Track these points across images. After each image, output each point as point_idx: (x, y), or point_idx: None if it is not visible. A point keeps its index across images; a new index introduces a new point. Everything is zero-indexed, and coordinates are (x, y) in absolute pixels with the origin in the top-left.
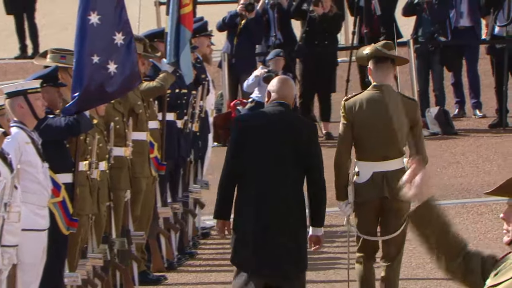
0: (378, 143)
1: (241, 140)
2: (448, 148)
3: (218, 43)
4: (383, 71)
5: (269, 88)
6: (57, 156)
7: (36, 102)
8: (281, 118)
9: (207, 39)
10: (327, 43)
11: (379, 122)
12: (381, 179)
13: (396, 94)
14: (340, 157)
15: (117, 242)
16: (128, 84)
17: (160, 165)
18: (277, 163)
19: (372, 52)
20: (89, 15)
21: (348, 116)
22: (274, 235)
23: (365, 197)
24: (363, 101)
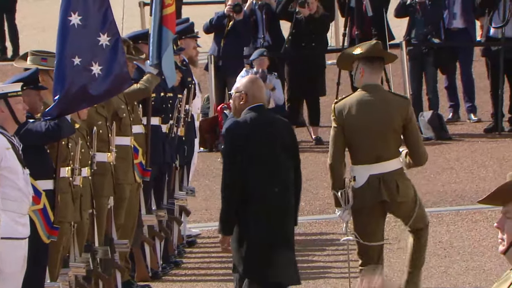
0: (371, 145)
1: (237, 151)
2: (442, 154)
3: (204, 45)
4: (374, 71)
5: (244, 89)
6: (37, 162)
7: (17, 106)
8: (271, 121)
9: (193, 41)
10: (314, 45)
11: (371, 123)
12: (377, 182)
13: (386, 92)
14: (333, 162)
15: (100, 250)
16: (115, 86)
17: (144, 171)
18: (277, 170)
19: (368, 50)
20: (70, 16)
21: (338, 119)
22: (286, 246)
23: (362, 202)
24: (353, 103)
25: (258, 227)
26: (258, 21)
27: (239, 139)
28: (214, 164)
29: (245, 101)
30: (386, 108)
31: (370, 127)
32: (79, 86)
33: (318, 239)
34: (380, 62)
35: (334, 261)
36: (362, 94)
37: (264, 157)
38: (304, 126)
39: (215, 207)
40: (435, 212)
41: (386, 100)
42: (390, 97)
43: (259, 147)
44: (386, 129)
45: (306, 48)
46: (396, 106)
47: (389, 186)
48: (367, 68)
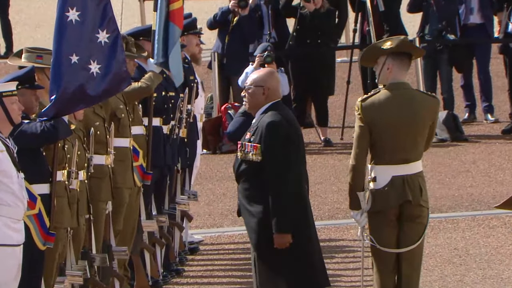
0: (399, 146)
1: (293, 148)
2: (458, 156)
3: (208, 41)
4: (405, 67)
5: (265, 83)
6: (32, 165)
7: (11, 106)
8: (294, 119)
9: (196, 37)
10: (320, 41)
11: (400, 123)
12: (401, 182)
13: (415, 91)
14: (358, 163)
15: (98, 258)
16: (114, 86)
17: (145, 174)
18: (305, 168)
19: (398, 45)
20: (68, 11)
21: (365, 118)
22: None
23: (383, 204)
24: (382, 101)
25: (311, 229)
26: (264, 16)
27: (291, 136)
28: (217, 167)
29: (266, 96)
30: (416, 108)
31: (400, 127)
32: (77, 85)
33: (327, 246)
34: (408, 58)
35: (344, 269)
36: (390, 92)
37: (303, 154)
38: (312, 127)
39: (218, 212)
40: (450, 218)
41: (417, 99)
42: (420, 96)
43: (299, 146)
44: (415, 130)
45: (311, 45)
46: (426, 106)
47: (413, 187)
48: (396, 64)
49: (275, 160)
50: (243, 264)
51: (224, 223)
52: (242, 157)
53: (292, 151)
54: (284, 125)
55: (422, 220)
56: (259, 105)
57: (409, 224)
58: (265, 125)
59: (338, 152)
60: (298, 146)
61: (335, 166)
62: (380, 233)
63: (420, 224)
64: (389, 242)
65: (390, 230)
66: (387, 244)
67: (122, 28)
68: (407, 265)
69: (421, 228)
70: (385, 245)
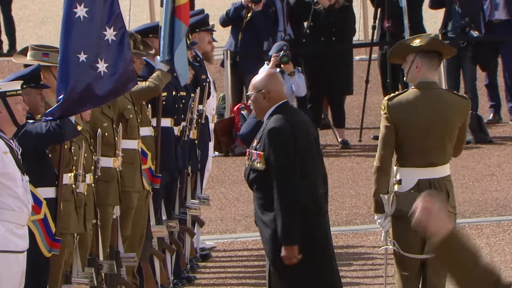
0: (426, 148)
1: (296, 155)
2: (482, 159)
3: (220, 39)
4: (434, 66)
5: (265, 87)
6: (38, 167)
7: (16, 106)
8: (307, 120)
9: (208, 34)
10: (334, 39)
11: (429, 125)
12: (428, 186)
13: (445, 91)
14: (383, 164)
15: (105, 265)
16: (121, 85)
17: (154, 178)
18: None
19: (428, 43)
20: (75, 7)
21: (392, 117)
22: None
23: (408, 208)
24: (410, 101)
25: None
26: (278, 12)
27: (294, 142)
28: (230, 170)
29: (268, 99)
30: (446, 109)
31: (427, 128)
32: (85, 85)
33: (345, 253)
34: (438, 57)
35: (363, 277)
36: (419, 91)
37: (315, 158)
38: (329, 129)
39: (231, 217)
40: (474, 223)
41: (446, 100)
42: (449, 97)
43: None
44: (444, 132)
45: (326, 43)
46: (456, 108)
47: (440, 192)
48: (425, 62)
49: (274, 169)
50: (257, 271)
51: (237, 228)
52: (249, 165)
53: (293, 159)
54: (287, 130)
55: None
56: (264, 110)
57: None
58: (267, 132)
59: (356, 155)
60: (308, 151)
61: (353, 169)
62: (404, 238)
63: None
64: (414, 248)
65: (414, 235)
66: (411, 250)
67: (130, 24)
68: (432, 273)
69: None
70: (409, 251)
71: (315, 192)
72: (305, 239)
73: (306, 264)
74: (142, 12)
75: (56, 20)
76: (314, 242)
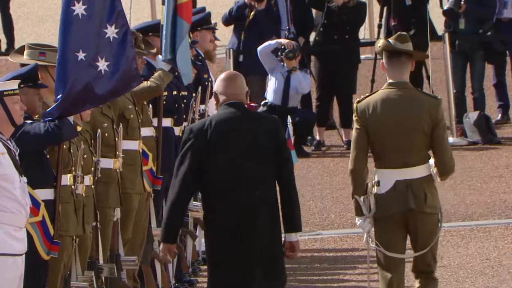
0: (398, 148)
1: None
2: (490, 160)
3: (223, 37)
4: (398, 67)
5: (216, 89)
6: (36, 168)
7: (13, 106)
8: (241, 120)
9: (210, 33)
10: (347, 37)
11: (396, 125)
12: (404, 188)
13: (415, 91)
14: (355, 167)
15: (105, 268)
16: (123, 84)
17: (155, 179)
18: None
19: (383, 46)
20: (73, 5)
21: (361, 119)
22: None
23: (387, 211)
24: (378, 102)
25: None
26: (281, 11)
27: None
28: None
29: (216, 102)
30: (414, 109)
31: (397, 128)
32: (84, 84)
33: (350, 256)
34: (403, 57)
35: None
36: (388, 92)
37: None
38: (334, 129)
39: None
40: (482, 226)
41: (415, 100)
42: (419, 97)
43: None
44: (414, 131)
45: (339, 41)
46: (425, 106)
47: (417, 194)
48: (388, 63)
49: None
50: None
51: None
52: None
53: (184, 161)
54: (188, 130)
55: (430, 227)
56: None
57: (415, 231)
58: None
59: None
60: (207, 149)
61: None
62: (386, 239)
63: (427, 231)
64: (396, 249)
65: (396, 235)
66: (393, 251)
67: (131, 22)
68: (422, 261)
69: (427, 236)
70: (392, 251)
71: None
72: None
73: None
74: (143, 10)
75: (55, 18)
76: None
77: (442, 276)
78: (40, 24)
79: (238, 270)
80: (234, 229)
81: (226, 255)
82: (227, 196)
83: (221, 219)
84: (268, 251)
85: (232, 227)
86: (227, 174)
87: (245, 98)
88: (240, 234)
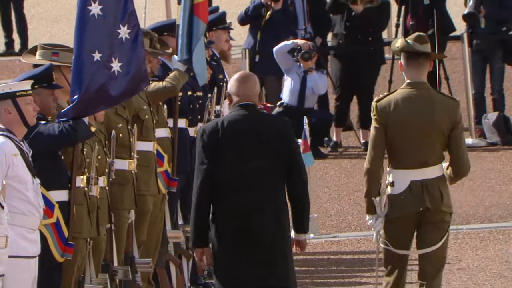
0: (416, 148)
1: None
2: (509, 161)
3: (238, 37)
4: (416, 67)
5: (229, 89)
6: (49, 170)
7: (26, 107)
8: (251, 122)
9: (225, 33)
10: (371, 39)
11: (416, 124)
12: (420, 188)
13: (434, 92)
14: (373, 166)
15: (120, 271)
16: (134, 85)
17: (170, 181)
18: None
19: (402, 46)
20: (90, 5)
21: (380, 118)
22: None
23: (402, 211)
24: (398, 101)
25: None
26: (298, 11)
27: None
28: None
29: (230, 102)
30: (432, 109)
31: (416, 128)
32: (99, 85)
33: (367, 259)
34: (421, 58)
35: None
36: (407, 92)
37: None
38: (351, 130)
39: None
40: (501, 228)
41: (433, 100)
42: (438, 97)
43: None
44: (432, 131)
45: (362, 42)
46: (444, 108)
47: (433, 193)
48: (406, 63)
49: None
50: None
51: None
52: None
53: (201, 162)
54: (201, 130)
55: (444, 225)
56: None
57: (426, 229)
58: None
59: None
60: (218, 148)
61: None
62: (395, 240)
63: (441, 229)
64: (403, 248)
65: (406, 236)
66: (402, 248)
67: (146, 22)
68: (429, 264)
69: (439, 234)
70: (400, 249)
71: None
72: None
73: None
74: (158, 10)
75: (70, 18)
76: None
77: (460, 279)
78: (54, 24)
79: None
80: (236, 229)
81: (229, 254)
82: (233, 195)
83: (225, 218)
84: (271, 252)
85: (235, 227)
86: (234, 174)
87: (257, 100)
88: (242, 234)
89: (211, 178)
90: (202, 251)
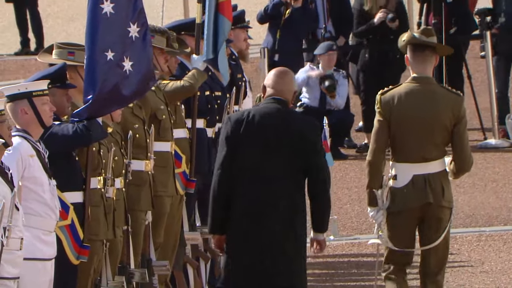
0: (418, 143)
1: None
2: None
3: (256, 36)
4: (421, 61)
5: (265, 82)
6: (65, 171)
7: (43, 107)
8: (276, 116)
9: (244, 31)
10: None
11: (419, 119)
12: (423, 182)
13: (438, 87)
14: (374, 159)
15: (136, 273)
16: (144, 85)
17: (188, 182)
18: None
19: (409, 38)
20: (102, 3)
21: (384, 112)
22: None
23: (405, 205)
24: (402, 95)
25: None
26: (319, 9)
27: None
28: None
29: (263, 93)
30: (435, 103)
31: (419, 122)
32: (112, 84)
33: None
34: (427, 51)
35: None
36: (411, 86)
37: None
38: None
39: None
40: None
41: (437, 94)
42: (442, 92)
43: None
44: (436, 126)
45: (384, 41)
46: (448, 102)
47: (434, 187)
48: (412, 56)
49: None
50: None
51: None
52: None
53: (222, 150)
54: (227, 119)
55: (443, 221)
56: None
57: (428, 225)
58: None
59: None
60: (239, 139)
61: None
62: (396, 233)
63: (440, 226)
64: (405, 243)
65: (409, 232)
66: (402, 245)
67: (163, 21)
68: (435, 262)
69: (440, 230)
70: (400, 246)
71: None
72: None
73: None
74: (176, 9)
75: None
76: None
77: (483, 282)
78: (70, 23)
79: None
80: (247, 223)
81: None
82: (248, 188)
83: (238, 211)
84: (279, 248)
85: (247, 220)
86: (251, 165)
87: (290, 97)
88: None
89: (230, 167)
90: (220, 238)
